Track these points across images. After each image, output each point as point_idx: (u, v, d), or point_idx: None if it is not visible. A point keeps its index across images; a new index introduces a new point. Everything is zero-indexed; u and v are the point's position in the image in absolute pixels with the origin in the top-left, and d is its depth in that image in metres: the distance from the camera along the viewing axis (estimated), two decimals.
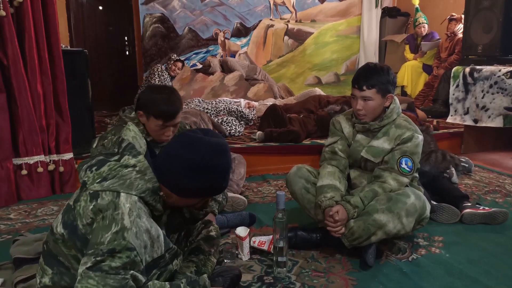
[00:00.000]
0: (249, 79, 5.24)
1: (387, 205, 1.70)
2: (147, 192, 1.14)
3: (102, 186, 1.10)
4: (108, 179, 1.11)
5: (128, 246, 1.04)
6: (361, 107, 1.82)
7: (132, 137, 1.20)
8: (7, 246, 1.82)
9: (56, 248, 1.15)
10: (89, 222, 1.09)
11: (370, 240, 1.72)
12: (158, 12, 5.39)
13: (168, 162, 1.16)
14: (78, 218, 1.10)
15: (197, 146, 1.15)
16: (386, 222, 1.68)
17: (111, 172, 1.12)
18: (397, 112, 1.88)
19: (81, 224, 1.09)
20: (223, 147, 1.19)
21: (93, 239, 1.06)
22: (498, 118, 3.31)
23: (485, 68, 3.39)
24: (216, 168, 1.18)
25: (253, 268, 1.72)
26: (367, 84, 1.78)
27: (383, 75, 1.80)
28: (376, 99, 1.80)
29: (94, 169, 1.13)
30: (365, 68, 1.85)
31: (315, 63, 6.03)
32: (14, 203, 2.56)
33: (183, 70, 5.04)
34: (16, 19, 2.52)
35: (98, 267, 1.02)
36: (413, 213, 1.71)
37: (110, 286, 1.01)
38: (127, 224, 1.06)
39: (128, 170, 1.13)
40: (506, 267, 1.73)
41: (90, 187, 1.11)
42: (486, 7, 3.57)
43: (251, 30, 5.81)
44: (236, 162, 2.65)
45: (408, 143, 1.82)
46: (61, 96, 2.72)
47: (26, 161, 2.60)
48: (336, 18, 6.05)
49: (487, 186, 2.77)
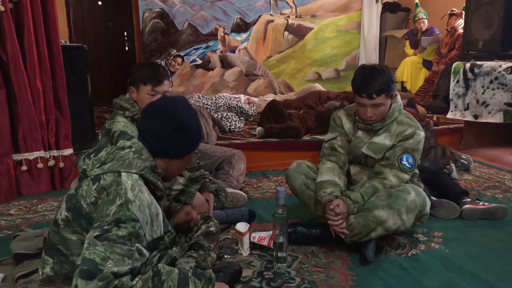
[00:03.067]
0: (249, 74, 5.23)
1: (387, 202, 1.71)
2: (146, 169, 1.18)
3: (102, 169, 1.14)
4: (107, 163, 1.15)
5: (132, 217, 1.08)
6: (372, 114, 1.79)
7: (122, 126, 1.24)
8: (7, 241, 1.83)
9: (56, 237, 1.17)
10: (93, 201, 1.12)
11: (369, 236, 1.72)
12: (158, 7, 5.37)
13: (156, 134, 1.23)
14: (81, 199, 1.13)
15: (170, 111, 1.26)
16: (386, 218, 1.69)
17: (109, 155, 1.16)
18: (398, 110, 1.88)
19: (85, 203, 1.12)
20: (185, 102, 1.30)
21: (98, 214, 1.09)
22: (498, 114, 3.30)
23: (485, 64, 3.39)
24: (191, 119, 1.28)
25: (253, 263, 1.73)
26: (376, 91, 1.73)
27: (386, 76, 1.75)
28: (386, 103, 1.79)
29: (92, 156, 1.17)
30: (368, 75, 1.76)
31: (315, 58, 6.01)
32: (14, 199, 2.56)
33: (183, 65, 5.03)
34: (15, 14, 2.51)
35: (105, 236, 1.04)
36: (413, 209, 1.71)
37: (117, 254, 1.03)
38: (131, 197, 1.10)
39: (125, 151, 1.17)
40: (505, 262, 1.73)
41: (91, 173, 1.15)
42: (487, 3, 3.55)
43: (251, 26, 5.79)
44: (236, 158, 2.65)
45: (409, 140, 1.81)
46: (60, 92, 2.72)
47: (26, 157, 2.61)
48: (336, 13, 6.03)
49: (487, 182, 2.77)
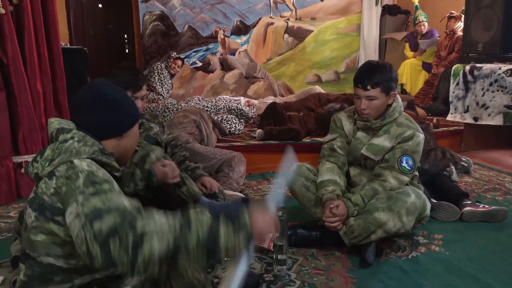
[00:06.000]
0: (249, 77, 5.23)
1: (387, 204, 1.70)
2: (96, 153, 1.13)
3: (53, 165, 1.08)
4: (55, 158, 1.10)
5: (104, 178, 1.05)
6: (365, 107, 1.80)
7: (58, 124, 1.19)
8: (7, 244, 1.82)
9: (25, 242, 1.13)
10: (53, 192, 1.05)
11: (370, 238, 1.72)
12: (158, 10, 5.38)
13: (90, 120, 1.19)
14: (43, 196, 1.06)
15: (94, 95, 1.21)
16: (386, 220, 1.69)
17: (54, 152, 1.11)
18: (399, 111, 1.88)
19: (47, 197, 1.05)
20: (106, 82, 1.24)
21: (68, 195, 1.02)
22: (498, 116, 3.31)
23: (485, 66, 3.39)
24: (116, 94, 1.24)
25: (253, 266, 1.72)
26: (371, 83, 1.76)
27: (386, 72, 1.78)
28: (380, 98, 1.79)
29: (39, 158, 1.12)
30: (367, 67, 1.82)
31: (315, 61, 6.02)
32: (14, 201, 2.56)
33: (183, 68, 5.03)
34: (16, 17, 2.52)
35: (87, 197, 0.99)
36: (413, 211, 1.71)
37: (112, 197, 1.00)
38: (92, 169, 1.06)
39: (68, 143, 1.12)
40: (505, 264, 1.73)
41: (43, 173, 1.09)
42: (487, 5, 3.56)
43: (251, 28, 5.80)
44: (236, 160, 2.65)
45: (409, 142, 1.81)
46: (60, 94, 2.72)
47: (26, 159, 2.60)
48: (336, 16, 6.04)
49: (487, 184, 2.77)
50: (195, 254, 1.00)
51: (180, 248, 0.98)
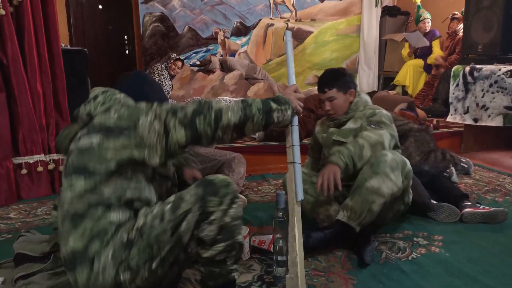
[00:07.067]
0: (249, 78, 5.24)
1: (371, 170, 1.76)
2: None
3: (107, 106, 1.29)
4: (106, 103, 1.29)
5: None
6: (329, 107, 2.04)
7: (103, 88, 1.36)
8: (7, 245, 1.82)
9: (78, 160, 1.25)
10: (117, 117, 1.25)
11: (372, 211, 1.75)
12: (158, 11, 5.38)
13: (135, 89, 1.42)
14: (105, 123, 1.25)
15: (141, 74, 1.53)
16: (378, 185, 1.73)
17: (106, 99, 1.31)
18: (364, 105, 2.07)
19: (110, 123, 1.24)
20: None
21: (133, 114, 1.25)
22: (498, 117, 3.31)
23: (485, 67, 3.39)
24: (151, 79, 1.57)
25: (253, 267, 1.72)
26: (327, 86, 2.02)
27: (339, 75, 2.04)
28: (339, 97, 2.02)
29: (92, 101, 1.31)
30: (323, 74, 2.08)
31: (315, 62, 6.02)
32: (14, 202, 2.56)
33: (183, 69, 5.04)
34: (16, 18, 2.52)
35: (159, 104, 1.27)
36: (396, 167, 1.78)
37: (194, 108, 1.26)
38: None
39: (117, 95, 1.33)
40: (505, 266, 1.73)
41: (96, 112, 1.28)
42: (487, 6, 3.56)
43: (251, 29, 5.80)
44: (236, 161, 2.65)
45: (373, 117, 1.98)
46: (60, 95, 2.73)
47: (26, 160, 2.61)
48: (336, 17, 6.05)
49: (487, 185, 2.77)
50: (257, 121, 1.32)
51: (246, 117, 1.30)
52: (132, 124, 1.23)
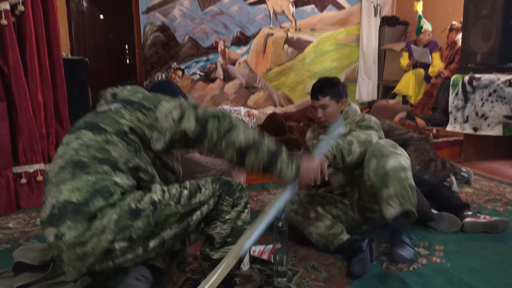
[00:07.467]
0: (249, 87, 5.25)
1: (380, 156, 1.80)
2: None
3: (133, 93, 1.43)
4: (134, 94, 1.41)
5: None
6: (321, 115, 2.07)
7: None
8: (6, 255, 1.81)
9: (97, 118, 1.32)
10: (141, 97, 1.38)
11: (412, 187, 1.77)
12: (159, 20, 5.41)
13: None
14: (129, 97, 1.38)
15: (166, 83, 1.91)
16: (397, 162, 1.78)
17: (131, 91, 1.43)
18: (353, 114, 2.10)
19: (134, 98, 1.37)
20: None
21: (156, 98, 1.36)
22: (498, 127, 3.31)
23: (484, 77, 3.40)
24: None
25: (253, 278, 1.71)
26: (321, 93, 2.04)
27: (333, 83, 2.07)
28: (331, 105, 2.05)
29: (120, 86, 1.45)
30: (317, 82, 2.11)
31: (315, 71, 6.05)
32: (13, 212, 2.55)
33: (183, 78, 5.05)
34: (18, 27, 2.53)
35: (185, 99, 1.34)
36: (394, 145, 1.86)
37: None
38: None
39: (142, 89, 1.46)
40: (506, 275, 1.72)
41: (121, 96, 1.40)
42: (485, 16, 3.57)
43: (251, 39, 5.83)
44: (236, 171, 2.65)
45: (362, 122, 2.02)
46: (61, 104, 2.73)
47: (25, 169, 2.60)
48: (335, 26, 6.09)
49: (488, 195, 2.77)
50: (261, 157, 1.29)
51: (254, 147, 1.28)
52: (153, 106, 1.31)
